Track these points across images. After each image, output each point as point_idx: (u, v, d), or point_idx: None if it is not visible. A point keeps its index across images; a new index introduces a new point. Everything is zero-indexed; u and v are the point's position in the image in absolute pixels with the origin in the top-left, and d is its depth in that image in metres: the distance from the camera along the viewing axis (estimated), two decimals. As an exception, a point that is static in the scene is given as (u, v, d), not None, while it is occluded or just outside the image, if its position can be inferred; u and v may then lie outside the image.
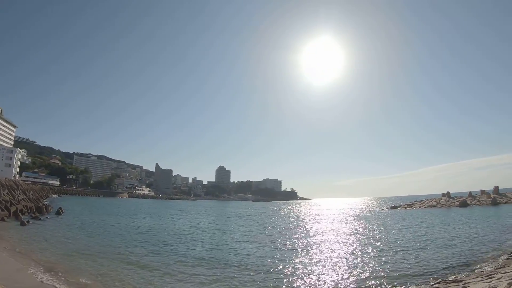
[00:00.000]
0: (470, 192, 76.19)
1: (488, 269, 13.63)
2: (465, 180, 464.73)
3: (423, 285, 12.27)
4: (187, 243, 24.06)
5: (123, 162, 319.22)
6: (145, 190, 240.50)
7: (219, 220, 51.08)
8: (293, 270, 15.88)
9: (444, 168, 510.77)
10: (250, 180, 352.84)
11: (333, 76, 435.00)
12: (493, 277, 9.88)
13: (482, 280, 9.81)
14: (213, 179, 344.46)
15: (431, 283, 12.37)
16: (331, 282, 13.62)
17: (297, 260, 18.19)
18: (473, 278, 11.19)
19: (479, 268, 14.23)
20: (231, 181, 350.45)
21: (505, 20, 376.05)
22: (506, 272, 10.31)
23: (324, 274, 15.03)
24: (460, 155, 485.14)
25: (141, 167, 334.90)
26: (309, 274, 14.97)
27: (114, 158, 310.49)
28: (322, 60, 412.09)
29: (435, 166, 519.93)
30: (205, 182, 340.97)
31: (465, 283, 10.35)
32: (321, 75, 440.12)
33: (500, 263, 14.48)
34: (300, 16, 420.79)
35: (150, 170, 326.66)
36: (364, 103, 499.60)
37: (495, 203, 61.84)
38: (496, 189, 71.49)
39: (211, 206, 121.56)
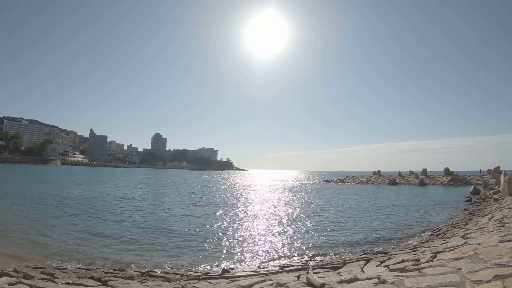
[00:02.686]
0: (399, 172, 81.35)
1: (413, 243, 14.60)
2: (396, 160, 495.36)
3: (351, 255, 12.82)
4: (123, 212, 23.57)
5: (56, 127, 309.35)
6: (79, 157, 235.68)
7: (155, 188, 50.97)
8: (230, 237, 16.16)
9: (377, 148, 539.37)
10: (186, 148, 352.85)
11: (276, 49, 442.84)
12: (418, 250, 10.50)
13: (407, 253, 10.39)
14: (148, 147, 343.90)
15: (359, 253, 13.00)
16: (263, 250, 13.94)
17: (234, 228, 18.56)
18: (398, 251, 11.87)
19: (405, 242, 15.17)
20: (167, 149, 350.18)
21: None
22: (429, 246, 11.00)
23: (257, 242, 15.44)
24: (394, 136, 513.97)
25: (75, 133, 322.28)
26: (245, 243, 15.20)
27: (47, 123, 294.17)
28: (265, 32, 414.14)
29: (368, 145, 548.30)
30: (140, 149, 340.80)
31: (391, 254, 10.92)
32: (264, 47, 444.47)
33: (424, 238, 15.57)
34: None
35: (85, 136, 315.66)
36: (305, 78, 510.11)
37: (422, 184, 66.77)
38: (424, 171, 76.86)
39: (146, 174, 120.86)
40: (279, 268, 10.79)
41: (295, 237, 16.62)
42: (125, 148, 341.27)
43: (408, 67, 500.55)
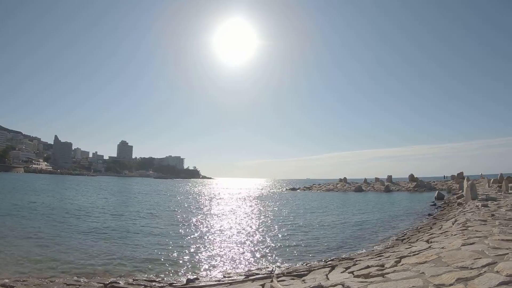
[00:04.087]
0: (365, 179, 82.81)
1: (379, 248, 14.79)
2: (363, 168, 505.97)
3: (317, 262, 12.82)
4: (86, 222, 22.86)
5: (20, 133, 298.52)
6: (43, 165, 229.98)
7: (120, 197, 49.74)
8: (195, 246, 16.05)
9: (344, 156, 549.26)
10: (153, 156, 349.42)
11: (245, 57, 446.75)
12: (383, 255, 10.57)
13: (372, 258, 10.43)
14: (114, 154, 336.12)
15: (326, 260, 13.03)
16: (229, 259, 13.92)
17: (199, 237, 18.45)
18: (364, 256, 11.93)
19: (371, 248, 15.34)
20: (133, 156, 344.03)
21: None
22: (394, 251, 11.11)
23: (223, 251, 15.38)
24: (361, 144, 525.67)
25: (39, 139, 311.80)
26: (210, 252, 15.11)
27: (10, 128, 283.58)
28: (234, 40, 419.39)
29: (336, 153, 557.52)
30: (106, 157, 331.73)
31: (357, 260, 10.95)
32: (233, 55, 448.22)
33: (389, 244, 15.80)
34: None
35: (49, 142, 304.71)
36: (274, 86, 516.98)
37: (388, 190, 68.24)
38: (389, 178, 78.84)
39: (111, 182, 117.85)
40: (244, 277, 10.73)
41: (261, 246, 16.59)
42: (90, 155, 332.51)
43: (376, 73, 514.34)
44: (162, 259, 13.63)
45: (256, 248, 15.93)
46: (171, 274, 11.64)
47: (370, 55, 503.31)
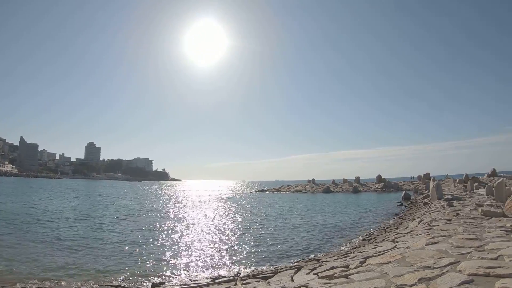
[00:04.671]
0: (333, 180, 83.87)
1: (346, 249, 14.86)
2: (332, 169, 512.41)
3: (283, 264, 12.77)
4: (51, 227, 22.06)
5: None
6: (8, 167, 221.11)
7: (86, 201, 48.07)
8: (162, 251, 15.84)
9: (313, 157, 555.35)
10: (121, 158, 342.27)
11: (214, 60, 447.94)
12: (348, 256, 10.60)
13: (338, 259, 10.44)
14: (82, 156, 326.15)
15: (292, 261, 13.03)
16: (195, 262, 13.80)
17: (165, 241, 18.26)
18: (330, 257, 11.94)
19: (338, 249, 15.42)
20: (101, 158, 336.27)
21: None
22: (360, 252, 11.16)
23: (189, 254, 15.26)
24: (330, 145, 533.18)
25: (4, 140, 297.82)
26: (176, 255, 14.94)
27: None
28: (204, 43, 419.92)
29: (305, 154, 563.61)
30: (73, 159, 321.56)
31: (322, 261, 10.97)
32: (204, 57, 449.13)
33: (356, 244, 15.91)
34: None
35: (14, 144, 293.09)
36: (244, 88, 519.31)
37: (356, 191, 69.38)
38: (357, 179, 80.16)
39: (79, 185, 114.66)
40: (210, 280, 10.75)
41: (229, 248, 16.49)
42: (57, 157, 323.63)
43: (343, 73, 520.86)
44: (128, 264, 13.31)
45: (224, 251, 15.78)
46: (137, 279, 11.43)
47: (339, 56, 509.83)
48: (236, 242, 17.89)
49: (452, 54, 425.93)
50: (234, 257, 14.59)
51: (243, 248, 16.39)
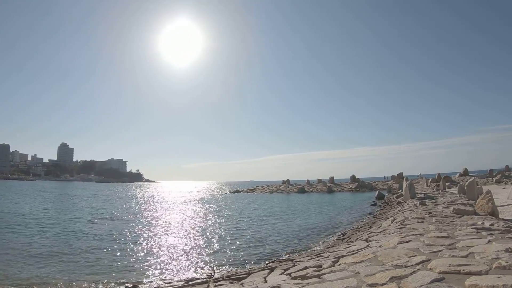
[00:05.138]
0: (308, 180, 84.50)
1: (319, 248, 14.92)
2: (306, 170, 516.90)
3: (257, 265, 12.73)
4: (23, 231, 21.70)
5: None
6: None
7: (59, 203, 47.37)
8: (135, 254, 15.71)
9: (287, 158, 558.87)
10: (94, 159, 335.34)
11: (190, 61, 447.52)
12: (322, 256, 10.61)
13: (311, 259, 10.45)
14: (54, 157, 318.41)
15: (266, 262, 13.09)
16: (169, 265, 13.74)
17: (138, 243, 18.11)
18: (303, 257, 11.96)
19: (312, 248, 15.49)
20: (75, 159, 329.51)
21: None
22: (333, 251, 11.19)
23: (163, 256, 15.19)
24: (304, 146, 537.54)
25: None
26: (150, 258, 14.81)
27: None
28: (180, 43, 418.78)
29: (279, 155, 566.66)
30: (46, 160, 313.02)
31: (296, 261, 10.97)
32: (180, 57, 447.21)
33: (330, 243, 16.01)
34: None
35: None
36: (219, 88, 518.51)
37: (330, 191, 70.15)
38: (331, 179, 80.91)
39: (52, 187, 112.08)
40: (184, 282, 10.71)
41: (203, 250, 16.41)
42: (29, 158, 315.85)
43: (319, 74, 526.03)
44: (100, 268, 13.11)
45: (199, 254, 15.66)
46: (109, 283, 11.26)
47: (313, 56, 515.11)
48: (212, 244, 17.78)
49: (425, 55, 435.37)
50: (208, 259, 14.50)
51: (217, 250, 16.34)
